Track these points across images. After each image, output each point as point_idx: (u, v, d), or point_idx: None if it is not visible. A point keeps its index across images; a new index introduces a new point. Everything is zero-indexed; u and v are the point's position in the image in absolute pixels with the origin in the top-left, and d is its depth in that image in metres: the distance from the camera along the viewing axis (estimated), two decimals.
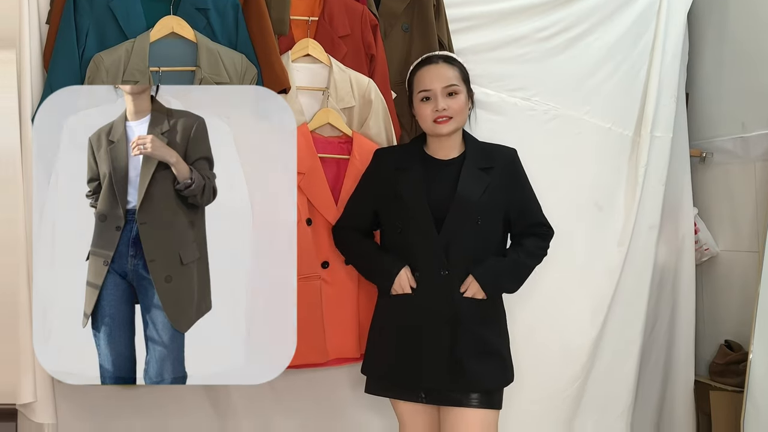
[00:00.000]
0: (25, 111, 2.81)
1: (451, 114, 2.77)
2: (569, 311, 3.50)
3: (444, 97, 2.78)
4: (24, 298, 2.78)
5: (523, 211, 2.87)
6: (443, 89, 2.78)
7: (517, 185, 2.87)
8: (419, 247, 2.76)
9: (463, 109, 2.82)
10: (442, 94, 2.78)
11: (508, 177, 2.84)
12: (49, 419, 2.91)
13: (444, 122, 2.77)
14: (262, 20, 3.00)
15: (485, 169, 2.81)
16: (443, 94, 2.78)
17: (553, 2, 3.52)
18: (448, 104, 2.77)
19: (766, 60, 3.61)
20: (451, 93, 2.79)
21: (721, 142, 3.85)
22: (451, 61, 2.85)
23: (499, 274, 2.78)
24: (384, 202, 2.86)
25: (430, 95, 2.79)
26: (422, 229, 2.75)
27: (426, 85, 2.80)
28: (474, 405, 2.68)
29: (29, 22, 2.84)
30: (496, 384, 2.74)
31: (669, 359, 3.85)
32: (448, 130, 2.79)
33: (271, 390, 3.20)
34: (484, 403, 2.69)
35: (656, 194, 3.66)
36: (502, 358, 2.79)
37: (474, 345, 2.71)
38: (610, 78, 3.60)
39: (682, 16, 3.72)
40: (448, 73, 2.80)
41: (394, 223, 2.82)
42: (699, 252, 3.86)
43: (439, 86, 2.78)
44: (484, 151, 2.87)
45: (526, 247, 2.85)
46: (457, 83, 2.80)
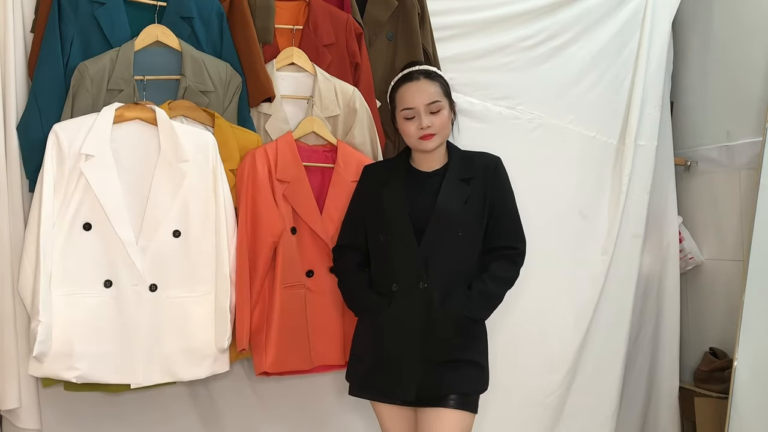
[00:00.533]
0: (10, 119, 2.81)
1: (435, 131, 2.76)
2: (553, 319, 3.52)
3: (427, 115, 2.76)
4: (8, 305, 2.79)
5: (498, 226, 2.83)
6: (426, 107, 2.77)
7: (497, 192, 2.83)
8: (400, 259, 2.76)
9: (447, 124, 2.81)
10: (425, 111, 2.76)
11: (489, 185, 2.82)
12: (33, 425, 2.91)
13: (428, 138, 2.77)
14: (246, 29, 3.01)
15: (466, 179, 2.80)
16: (426, 111, 2.77)
17: (537, 11, 3.54)
18: (432, 121, 2.76)
19: (750, 68, 3.63)
20: (434, 110, 2.77)
21: (706, 150, 3.87)
22: (432, 77, 2.82)
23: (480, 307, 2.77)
24: (370, 216, 2.86)
25: (413, 113, 2.78)
26: (403, 241, 2.75)
27: (408, 103, 2.78)
28: (451, 406, 2.69)
29: (14, 31, 2.82)
30: (471, 389, 2.75)
31: (654, 366, 3.87)
32: (433, 146, 2.79)
33: (257, 397, 3.21)
34: (460, 404, 2.70)
35: (641, 203, 3.68)
36: (478, 367, 2.77)
37: (449, 355, 2.71)
38: (595, 87, 3.62)
39: (666, 25, 3.74)
40: (430, 90, 2.78)
41: (377, 236, 2.83)
42: (684, 261, 3.88)
43: (422, 104, 2.76)
44: (466, 161, 2.85)
45: (493, 272, 2.80)
46: (440, 99, 2.78)
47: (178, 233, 2.77)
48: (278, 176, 2.93)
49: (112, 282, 2.71)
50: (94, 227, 2.70)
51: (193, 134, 2.82)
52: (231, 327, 2.82)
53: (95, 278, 2.71)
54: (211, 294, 2.82)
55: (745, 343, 3.31)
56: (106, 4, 2.87)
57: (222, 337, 2.80)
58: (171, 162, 2.75)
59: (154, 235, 2.73)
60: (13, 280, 2.76)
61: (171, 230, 2.76)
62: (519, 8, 3.52)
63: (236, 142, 2.93)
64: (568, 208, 3.58)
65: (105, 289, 2.71)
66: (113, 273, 2.71)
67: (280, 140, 2.99)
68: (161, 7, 2.95)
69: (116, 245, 2.70)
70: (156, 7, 2.95)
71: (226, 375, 2.99)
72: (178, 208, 2.77)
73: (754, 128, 3.57)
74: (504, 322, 3.26)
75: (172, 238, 2.77)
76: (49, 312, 2.63)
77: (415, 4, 3.27)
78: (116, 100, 2.80)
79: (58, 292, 2.67)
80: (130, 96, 2.84)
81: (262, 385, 3.20)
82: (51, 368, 2.67)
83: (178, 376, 2.79)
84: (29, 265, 2.66)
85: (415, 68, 2.85)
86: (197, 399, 3.17)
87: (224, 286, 2.81)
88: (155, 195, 2.74)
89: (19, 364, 2.81)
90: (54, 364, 2.66)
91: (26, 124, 2.80)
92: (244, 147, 2.94)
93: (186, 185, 2.77)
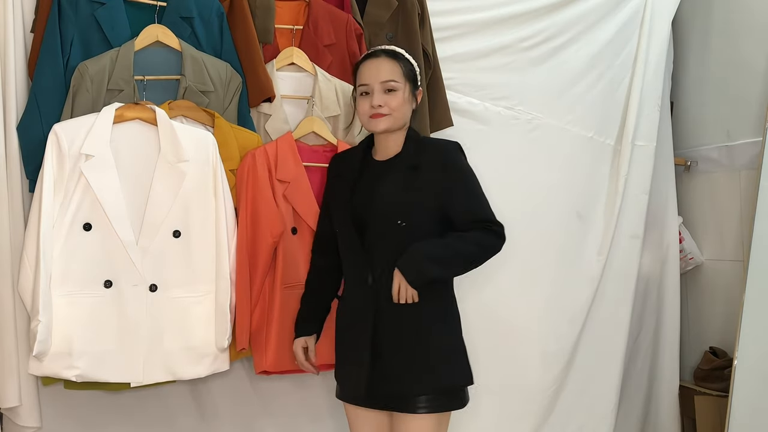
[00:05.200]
0: (10, 119, 2.81)
1: (386, 111, 2.63)
2: (547, 317, 3.53)
3: (381, 93, 2.64)
4: (8, 305, 2.80)
5: (464, 209, 2.64)
6: (381, 84, 2.64)
7: (450, 179, 2.64)
8: (349, 254, 2.71)
9: (402, 107, 2.66)
10: (380, 89, 2.64)
11: (439, 172, 2.64)
12: (34, 423, 2.92)
13: (378, 117, 2.64)
14: (246, 29, 3.02)
15: (414, 166, 2.64)
16: (381, 89, 2.64)
17: (537, 12, 3.55)
18: (385, 100, 2.63)
19: (750, 68, 3.63)
20: (390, 89, 2.65)
21: (706, 150, 3.87)
22: (395, 56, 2.69)
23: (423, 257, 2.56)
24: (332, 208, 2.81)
25: (368, 89, 2.66)
26: (348, 236, 2.68)
27: (365, 79, 2.67)
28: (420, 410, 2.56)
29: (14, 31, 2.83)
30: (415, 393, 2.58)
31: (654, 365, 3.89)
32: (382, 127, 2.65)
33: (256, 395, 3.22)
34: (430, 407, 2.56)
35: (640, 203, 3.68)
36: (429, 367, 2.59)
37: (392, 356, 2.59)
38: (593, 87, 3.62)
39: (666, 25, 3.74)
40: (387, 67, 2.66)
41: (335, 232, 2.78)
42: (684, 261, 3.88)
43: (377, 81, 2.64)
44: (418, 148, 2.69)
45: (463, 235, 2.60)
46: (397, 79, 2.65)
47: (178, 233, 2.78)
48: (278, 176, 2.93)
49: (112, 282, 2.71)
50: (94, 227, 2.71)
51: (193, 134, 2.82)
52: (231, 326, 2.83)
53: (95, 278, 2.71)
54: (212, 294, 2.82)
55: (745, 342, 3.31)
56: (106, 4, 2.87)
57: (222, 336, 2.80)
58: (171, 162, 2.76)
59: (154, 235, 2.74)
60: (13, 280, 2.77)
61: (171, 230, 2.77)
62: (518, 9, 3.52)
63: (236, 142, 2.93)
64: (565, 209, 3.58)
65: (105, 290, 2.71)
66: (113, 273, 2.72)
67: (280, 140, 2.99)
68: (161, 7, 2.96)
69: (116, 245, 2.71)
70: (156, 7, 2.95)
71: (226, 374, 2.99)
72: (178, 208, 2.77)
73: (754, 128, 3.57)
74: (499, 319, 3.27)
75: (173, 238, 2.77)
76: (48, 312, 2.64)
77: (415, 5, 3.27)
78: (116, 100, 2.80)
79: (58, 292, 2.68)
80: (130, 96, 2.84)
81: (261, 384, 3.20)
82: (51, 367, 2.68)
83: (178, 374, 2.79)
84: (29, 265, 2.66)
85: (380, 47, 2.75)
86: (197, 397, 3.18)
87: (224, 286, 2.81)
88: (155, 195, 2.75)
89: (19, 363, 2.81)
90: (54, 363, 2.67)
91: (26, 124, 2.80)
92: (244, 147, 2.94)
93: (186, 185, 2.77)
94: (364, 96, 2.68)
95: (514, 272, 3.45)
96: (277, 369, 2.93)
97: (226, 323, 2.80)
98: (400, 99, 2.66)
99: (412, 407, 2.57)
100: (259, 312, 2.92)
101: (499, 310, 3.41)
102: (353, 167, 2.76)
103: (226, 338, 2.80)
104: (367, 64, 2.70)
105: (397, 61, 2.68)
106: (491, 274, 3.30)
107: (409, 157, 2.67)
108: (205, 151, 2.81)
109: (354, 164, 2.77)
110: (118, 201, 2.71)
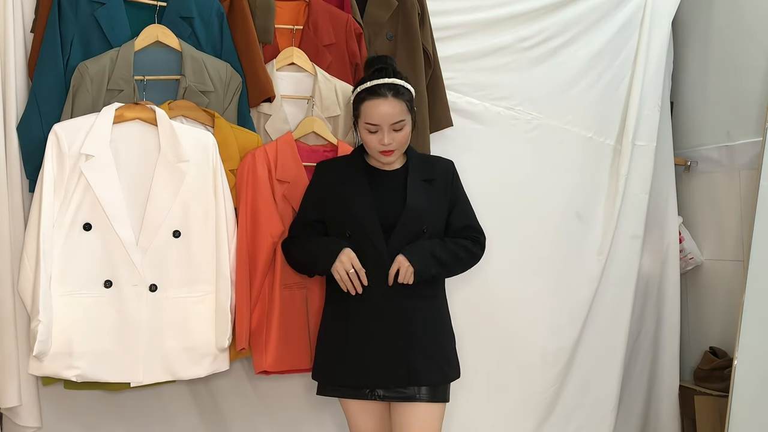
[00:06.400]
0: (10, 119, 2.82)
1: (396, 147, 2.75)
2: (546, 317, 3.54)
3: (390, 132, 2.73)
4: (8, 305, 2.80)
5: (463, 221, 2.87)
6: (390, 126, 2.72)
7: (455, 196, 2.88)
8: (368, 255, 2.75)
9: (408, 136, 2.79)
10: (389, 129, 2.73)
11: (449, 188, 2.86)
12: (34, 423, 2.92)
13: (389, 154, 2.76)
14: (246, 29, 3.02)
15: (428, 180, 2.82)
16: (390, 129, 2.73)
17: (536, 12, 3.55)
18: (394, 137, 2.73)
19: (751, 68, 3.63)
20: (398, 128, 2.74)
21: (706, 150, 3.87)
22: (399, 94, 2.74)
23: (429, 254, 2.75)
24: (331, 211, 2.83)
25: (376, 129, 2.74)
26: (371, 238, 2.74)
27: (373, 119, 2.72)
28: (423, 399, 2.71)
29: (14, 31, 2.83)
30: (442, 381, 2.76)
31: (654, 365, 3.89)
32: (393, 160, 2.79)
33: (256, 395, 3.23)
34: (431, 397, 2.72)
35: (640, 203, 3.68)
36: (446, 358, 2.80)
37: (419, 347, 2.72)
38: (593, 87, 3.63)
39: (666, 25, 3.74)
40: (396, 110, 2.72)
41: (343, 231, 2.80)
42: (684, 261, 3.88)
43: (386, 124, 2.72)
44: (425, 163, 2.88)
45: (457, 241, 2.84)
46: (404, 117, 2.74)
47: (178, 233, 2.78)
48: (278, 176, 2.94)
49: (112, 282, 2.72)
50: (94, 227, 2.71)
51: (193, 134, 2.82)
52: (231, 326, 2.83)
53: (95, 278, 2.71)
54: (211, 294, 2.82)
55: (745, 342, 3.31)
56: (106, 4, 2.88)
57: (222, 336, 2.80)
58: (171, 162, 2.76)
59: (154, 235, 2.74)
60: (13, 280, 2.77)
61: (171, 230, 2.77)
62: (518, 8, 3.52)
63: (236, 142, 2.93)
64: (564, 209, 3.59)
65: (105, 290, 2.71)
66: (113, 273, 2.72)
67: (280, 140, 3.00)
68: (161, 7, 2.96)
69: (116, 245, 2.71)
70: (156, 7, 2.96)
71: (226, 373, 3.00)
72: (178, 208, 2.78)
73: (754, 128, 3.57)
74: (497, 318, 3.27)
75: (172, 238, 2.77)
76: (49, 312, 2.64)
77: (415, 4, 3.27)
78: (116, 100, 2.81)
79: (58, 292, 2.68)
80: (130, 96, 2.84)
81: (261, 384, 3.21)
82: (51, 367, 2.68)
83: (178, 374, 2.80)
84: (29, 265, 2.67)
85: (382, 81, 2.75)
86: (197, 397, 3.18)
87: (224, 286, 2.82)
88: (155, 195, 2.75)
89: (19, 363, 2.81)
90: (54, 363, 2.68)
91: (26, 124, 2.81)
92: (244, 147, 2.95)
93: (186, 185, 2.78)
94: (373, 132, 2.75)
95: (513, 272, 3.46)
96: (277, 369, 2.92)
97: (226, 323, 2.81)
98: (407, 132, 2.78)
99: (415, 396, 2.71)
100: (259, 312, 2.92)
101: (499, 310, 3.41)
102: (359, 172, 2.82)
103: (226, 338, 2.81)
104: (375, 104, 2.73)
105: (401, 99, 2.74)
106: (491, 274, 3.31)
107: (420, 171, 2.84)
108: (205, 151, 2.81)
109: (359, 170, 2.83)
110: (118, 201, 2.71)
